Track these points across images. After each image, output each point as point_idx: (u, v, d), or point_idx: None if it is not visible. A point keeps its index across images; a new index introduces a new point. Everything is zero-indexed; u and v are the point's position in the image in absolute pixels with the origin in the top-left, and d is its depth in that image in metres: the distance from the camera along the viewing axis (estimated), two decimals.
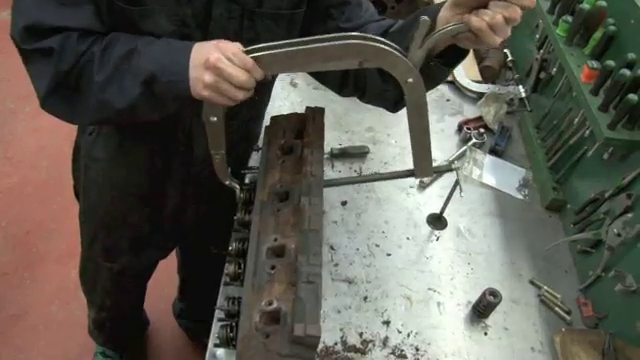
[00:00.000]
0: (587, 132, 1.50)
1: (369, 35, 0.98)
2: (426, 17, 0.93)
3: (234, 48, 0.97)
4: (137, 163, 1.34)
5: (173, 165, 1.36)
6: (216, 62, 0.95)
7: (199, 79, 0.97)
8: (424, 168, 1.24)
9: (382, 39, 0.99)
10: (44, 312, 2.40)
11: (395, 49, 0.98)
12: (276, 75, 1.32)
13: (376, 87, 1.22)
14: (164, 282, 2.35)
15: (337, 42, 0.97)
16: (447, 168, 1.33)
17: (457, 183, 1.35)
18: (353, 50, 0.98)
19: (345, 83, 1.28)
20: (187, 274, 2.18)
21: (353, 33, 0.99)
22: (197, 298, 2.19)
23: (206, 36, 1.09)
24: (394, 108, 1.29)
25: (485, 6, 0.94)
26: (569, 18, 1.60)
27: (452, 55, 1.07)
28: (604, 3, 1.51)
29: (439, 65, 1.08)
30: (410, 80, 1.02)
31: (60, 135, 2.99)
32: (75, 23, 1.01)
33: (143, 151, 1.32)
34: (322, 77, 1.33)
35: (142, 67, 1.00)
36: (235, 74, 0.96)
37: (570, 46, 1.59)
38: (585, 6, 1.53)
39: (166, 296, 2.45)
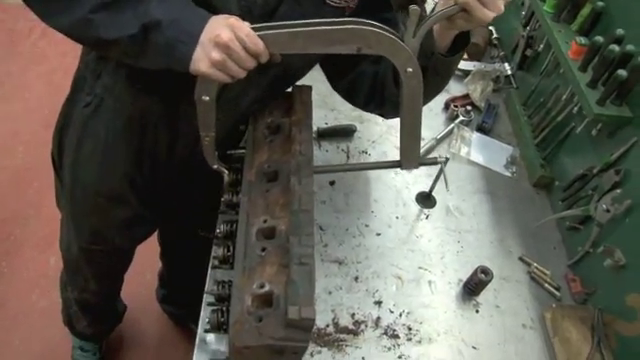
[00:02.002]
0: (575, 109, 1.50)
1: (372, 22, 0.96)
2: (416, 6, 0.92)
3: (247, 29, 0.93)
4: (138, 143, 1.27)
5: (178, 146, 1.30)
6: (228, 42, 0.91)
7: (206, 55, 0.93)
8: (411, 159, 1.23)
9: (384, 27, 0.98)
10: (24, 301, 2.34)
11: (397, 37, 0.96)
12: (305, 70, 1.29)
13: (393, 95, 1.19)
14: (145, 267, 2.31)
15: (340, 26, 0.95)
16: (433, 161, 1.32)
17: (443, 175, 1.34)
18: (356, 35, 0.97)
19: (372, 98, 1.26)
20: (170, 259, 2.14)
21: (355, 19, 0.97)
22: (181, 283, 2.16)
23: None
24: None
25: None
26: None
27: (454, 47, 1.06)
28: None
29: (441, 57, 1.06)
30: (409, 69, 1.01)
31: (35, 119, 2.91)
32: None
33: (151, 129, 1.25)
34: (349, 94, 1.32)
35: (149, 12, 0.92)
36: (245, 58, 0.94)
37: (558, 22, 1.58)
38: None
39: (147, 282, 2.41)
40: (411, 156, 1.22)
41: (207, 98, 1.03)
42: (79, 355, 2.14)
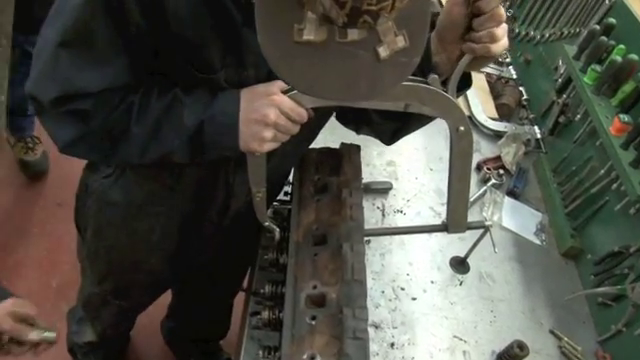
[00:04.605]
0: (614, 185, 1.50)
1: (422, 79, 0.95)
2: (435, 76, 0.94)
3: (289, 102, 0.96)
4: (166, 215, 1.25)
5: (206, 219, 1.28)
6: (276, 119, 0.95)
7: (255, 136, 0.97)
8: (458, 223, 1.21)
9: (439, 86, 0.96)
10: None
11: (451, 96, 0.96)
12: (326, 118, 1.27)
13: (375, 121, 1.19)
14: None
15: None
16: (480, 225, 1.30)
17: (490, 238, 1.32)
18: (410, 92, 0.95)
19: (346, 113, 1.25)
20: (183, 296, 2.09)
21: (411, 77, 0.95)
22: (190, 318, 2.11)
23: None
24: (390, 141, 1.28)
25: (469, 26, 0.92)
26: (598, 67, 1.60)
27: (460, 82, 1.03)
28: (636, 57, 1.52)
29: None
30: (462, 128, 1.02)
31: (44, 133, 2.85)
32: (110, 83, 0.95)
33: (176, 203, 1.23)
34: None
35: (186, 123, 0.97)
36: (291, 127, 0.98)
37: (597, 95, 1.59)
38: (617, 58, 1.54)
39: (150, 313, 2.35)
40: (459, 219, 1.20)
41: (257, 153, 1.02)
42: None
